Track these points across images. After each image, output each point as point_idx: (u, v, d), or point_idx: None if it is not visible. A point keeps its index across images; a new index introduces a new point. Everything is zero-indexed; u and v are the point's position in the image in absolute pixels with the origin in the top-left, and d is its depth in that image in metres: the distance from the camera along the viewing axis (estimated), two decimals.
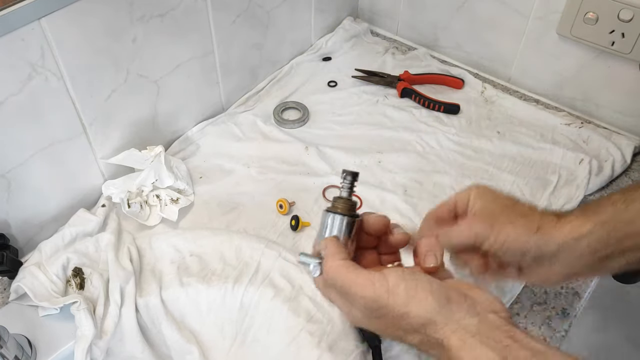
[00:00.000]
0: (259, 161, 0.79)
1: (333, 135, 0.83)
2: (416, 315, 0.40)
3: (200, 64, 0.78)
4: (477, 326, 0.40)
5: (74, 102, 0.63)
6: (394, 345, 0.59)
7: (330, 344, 0.57)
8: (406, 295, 0.41)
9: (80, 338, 0.56)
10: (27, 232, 0.66)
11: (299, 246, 0.68)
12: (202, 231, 0.68)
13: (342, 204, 0.49)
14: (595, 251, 0.46)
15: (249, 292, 0.62)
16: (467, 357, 0.39)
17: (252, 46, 0.86)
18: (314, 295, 0.61)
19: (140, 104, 0.72)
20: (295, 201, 0.73)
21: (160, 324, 0.61)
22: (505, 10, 0.86)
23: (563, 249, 0.47)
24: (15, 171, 0.61)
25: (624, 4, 0.73)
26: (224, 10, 0.77)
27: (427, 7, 0.96)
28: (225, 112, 0.87)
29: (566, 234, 0.47)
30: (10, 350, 0.53)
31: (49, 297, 0.59)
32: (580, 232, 0.46)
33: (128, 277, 0.61)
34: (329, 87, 0.93)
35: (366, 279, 0.42)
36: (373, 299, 0.42)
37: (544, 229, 0.47)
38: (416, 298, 0.41)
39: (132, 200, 0.68)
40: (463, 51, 0.96)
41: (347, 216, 0.47)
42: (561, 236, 0.47)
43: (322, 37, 1.01)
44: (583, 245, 0.46)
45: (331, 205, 0.49)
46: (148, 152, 0.70)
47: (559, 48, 0.84)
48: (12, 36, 0.53)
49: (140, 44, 0.67)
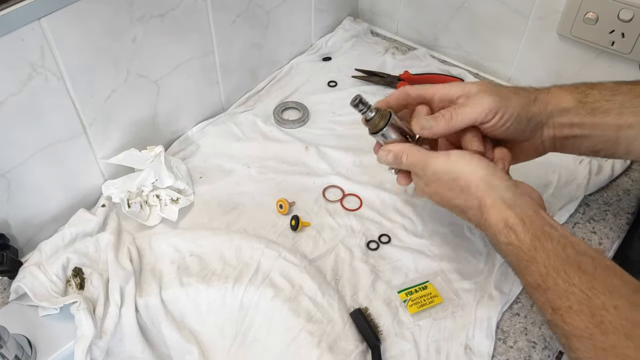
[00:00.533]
0: (259, 161, 0.79)
1: (333, 135, 0.83)
2: (467, 177, 0.54)
3: (200, 64, 0.78)
4: (511, 198, 0.52)
5: (74, 102, 0.63)
6: (394, 345, 0.59)
7: (330, 344, 0.57)
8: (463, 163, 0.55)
9: (80, 338, 0.56)
10: (27, 232, 0.66)
11: (299, 246, 0.68)
12: (202, 231, 0.68)
13: (378, 119, 0.58)
14: (578, 125, 0.57)
15: (249, 292, 0.62)
16: (494, 213, 0.51)
17: (252, 46, 0.86)
18: (314, 295, 0.61)
19: (140, 104, 0.72)
20: (295, 201, 0.73)
21: (160, 324, 0.61)
22: (505, 10, 0.86)
23: (553, 114, 0.57)
24: (15, 171, 0.61)
25: (624, 4, 0.73)
26: (224, 10, 0.77)
27: (427, 7, 0.96)
28: (225, 112, 0.87)
29: (554, 102, 0.57)
30: (10, 350, 0.53)
31: (49, 297, 0.59)
32: (565, 105, 0.57)
33: (128, 277, 0.61)
34: (329, 87, 0.93)
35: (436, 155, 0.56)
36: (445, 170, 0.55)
37: (539, 98, 0.58)
38: (470, 165, 0.54)
39: (132, 200, 0.69)
40: (463, 51, 0.96)
41: (388, 123, 0.58)
42: (554, 102, 0.57)
43: (322, 37, 1.01)
44: (571, 118, 0.57)
45: (371, 127, 0.59)
46: (148, 152, 0.70)
47: (559, 48, 0.84)
48: (12, 36, 0.54)
49: (140, 44, 0.67)
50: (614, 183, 0.77)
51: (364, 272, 0.65)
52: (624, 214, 0.73)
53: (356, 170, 0.77)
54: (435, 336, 0.60)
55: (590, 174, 0.76)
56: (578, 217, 0.73)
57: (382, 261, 0.67)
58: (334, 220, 0.71)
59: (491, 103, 0.55)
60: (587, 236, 0.71)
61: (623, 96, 0.55)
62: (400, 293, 0.63)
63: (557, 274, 0.47)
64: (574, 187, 0.75)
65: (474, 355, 0.58)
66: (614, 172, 0.77)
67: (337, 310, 0.60)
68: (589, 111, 0.56)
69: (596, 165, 0.77)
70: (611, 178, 0.77)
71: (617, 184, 0.77)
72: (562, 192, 0.75)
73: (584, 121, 0.56)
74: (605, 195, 0.76)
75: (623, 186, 0.77)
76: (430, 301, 0.62)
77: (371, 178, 0.77)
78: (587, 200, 0.75)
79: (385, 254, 0.68)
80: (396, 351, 0.59)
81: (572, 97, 0.57)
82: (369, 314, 0.60)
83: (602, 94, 0.56)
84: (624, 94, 0.56)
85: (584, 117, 0.56)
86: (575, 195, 0.74)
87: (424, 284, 0.64)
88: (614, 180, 0.77)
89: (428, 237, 0.69)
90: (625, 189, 0.77)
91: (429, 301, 0.62)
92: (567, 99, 0.57)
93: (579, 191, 0.75)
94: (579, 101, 0.56)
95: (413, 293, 0.63)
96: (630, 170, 0.79)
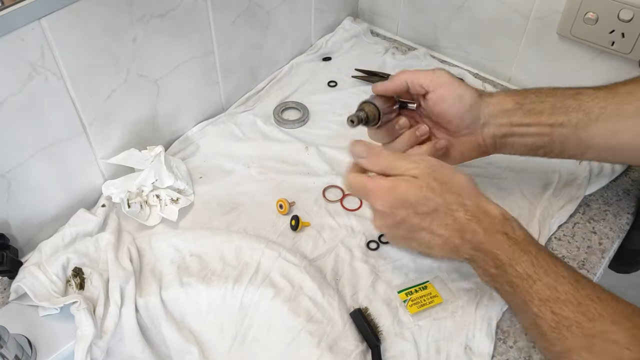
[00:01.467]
0: (259, 161, 0.79)
1: (333, 135, 0.83)
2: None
3: (200, 64, 0.78)
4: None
5: (74, 102, 0.63)
6: (394, 345, 0.59)
7: (330, 344, 0.57)
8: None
9: (80, 338, 0.56)
10: (27, 232, 0.66)
11: (299, 246, 0.68)
12: (202, 231, 0.68)
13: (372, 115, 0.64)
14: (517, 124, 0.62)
15: (249, 292, 0.62)
16: (493, 208, 0.56)
17: (252, 46, 0.86)
18: (314, 295, 0.61)
19: (140, 104, 0.72)
20: (295, 201, 0.73)
21: (160, 324, 0.61)
22: (505, 10, 0.86)
23: (494, 115, 0.62)
24: (15, 171, 0.61)
25: (624, 4, 0.73)
26: (224, 10, 0.77)
27: (427, 7, 0.96)
28: (225, 112, 0.87)
29: (495, 103, 0.62)
30: (10, 350, 0.53)
31: (49, 297, 0.59)
32: (505, 107, 0.62)
33: (128, 277, 0.61)
34: (329, 87, 0.93)
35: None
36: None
37: (483, 98, 0.63)
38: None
39: (132, 200, 0.69)
40: (463, 51, 0.96)
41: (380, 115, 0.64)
42: (495, 103, 0.62)
43: (322, 37, 1.01)
44: (510, 119, 0.62)
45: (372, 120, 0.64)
46: (148, 152, 0.70)
47: (559, 48, 0.84)
48: (12, 36, 0.54)
49: (140, 44, 0.67)
50: (614, 183, 0.77)
51: (364, 272, 0.65)
52: (624, 214, 0.73)
53: None
54: (435, 336, 0.60)
55: (590, 174, 0.76)
56: (578, 217, 0.73)
57: (382, 261, 0.67)
58: (334, 220, 0.71)
59: (445, 75, 0.62)
60: (587, 236, 0.71)
61: (555, 98, 0.61)
62: (400, 293, 0.63)
63: (547, 266, 0.51)
64: (574, 187, 0.75)
65: (474, 355, 0.58)
66: (614, 172, 0.77)
67: (337, 310, 0.60)
68: (525, 112, 0.61)
69: (596, 166, 0.78)
70: (611, 178, 0.77)
71: (617, 184, 0.77)
72: (562, 192, 0.75)
73: (522, 120, 0.61)
74: (605, 195, 0.76)
75: (623, 186, 0.77)
76: (430, 301, 0.62)
77: None
78: (587, 200, 0.75)
79: (385, 254, 0.68)
80: (396, 351, 0.59)
81: (511, 100, 0.62)
82: (369, 314, 0.60)
83: (538, 97, 0.62)
84: (557, 97, 0.61)
85: (521, 117, 0.61)
86: (575, 195, 0.74)
87: (424, 284, 0.64)
88: (614, 180, 0.77)
89: None
90: (625, 189, 0.77)
91: (429, 301, 0.62)
92: (507, 101, 0.62)
93: (579, 191, 0.75)
94: (517, 103, 0.62)
95: (413, 293, 0.63)
96: (630, 170, 0.79)
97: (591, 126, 0.59)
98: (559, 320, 0.48)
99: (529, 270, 0.51)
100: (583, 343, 0.47)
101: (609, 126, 0.58)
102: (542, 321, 0.49)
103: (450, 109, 0.63)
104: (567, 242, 0.70)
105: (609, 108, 0.58)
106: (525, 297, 0.51)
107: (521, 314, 0.54)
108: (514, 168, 0.78)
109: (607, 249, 0.69)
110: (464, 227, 0.54)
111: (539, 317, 0.50)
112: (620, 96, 0.58)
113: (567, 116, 0.60)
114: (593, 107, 0.59)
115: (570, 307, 0.48)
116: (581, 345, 0.47)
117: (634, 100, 0.57)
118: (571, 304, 0.48)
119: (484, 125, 0.63)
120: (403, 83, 0.64)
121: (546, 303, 0.49)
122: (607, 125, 0.59)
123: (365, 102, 0.65)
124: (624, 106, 0.58)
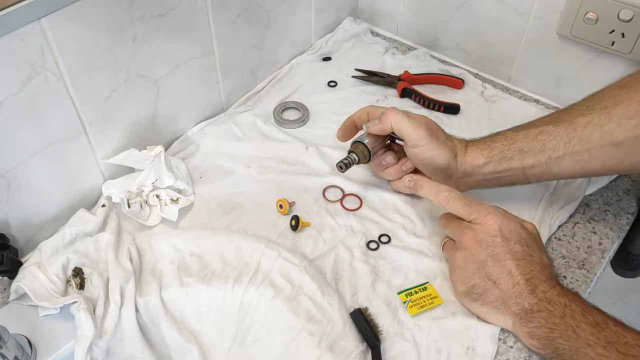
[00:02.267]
0: (259, 161, 0.79)
1: (333, 135, 0.83)
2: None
3: (200, 64, 0.78)
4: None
5: (74, 102, 0.63)
6: (394, 345, 0.59)
7: (330, 344, 0.57)
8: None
9: (80, 338, 0.56)
10: (27, 232, 0.66)
11: (299, 246, 0.68)
12: (202, 231, 0.68)
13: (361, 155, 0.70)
14: (491, 173, 0.66)
15: (249, 292, 0.62)
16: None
17: (252, 46, 0.86)
18: (314, 295, 0.61)
19: (140, 104, 0.72)
20: (295, 201, 0.73)
21: (160, 324, 0.61)
22: (505, 10, 0.86)
23: (468, 173, 0.67)
24: (15, 171, 0.61)
25: (624, 4, 0.73)
26: (224, 10, 0.77)
27: (427, 7, 0.96)
28: (225, 112, 0.87)
29: (469, 162, 0.66)
30: (10, 350, 0.53)
31: (49, 297, 0.59)
32: (477, 163, 0.66)
33: (128, 277, 0.61)
34: (329, 87, 0.93)
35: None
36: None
37: (458, 158, 0.67)
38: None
39: (132, 200, 0.68)
40: (463, 51, 0.96)
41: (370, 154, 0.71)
42: (468, 161, 0.66)
43: (322, 37, 1.01)
44: (483, 170, 0.66)
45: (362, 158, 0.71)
46: (148, 152, 0.70)
47: (559, 48, 0.84)
48: (12, 36, 0.53)
49: (140, 43, 0.67)
50: (614, 183, 0.77)
51: (364, 272, 0.65)
52: (624, 214, 0.73)
53: (356, 170, 0.77)
54: (435, 336, 0.60)
55: None
56: (578, 217, 0.73)
57: (382, 261, 0.67)
58: (334, 220, 0.71)
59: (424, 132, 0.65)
60: (587, 236, 0.71)
61: (520, 142, 0.64)
62: (400, 294, 0.63)
63: (617, 320, 0.53)
64: (574, 187, 0.75)
65: (477, 356, 0.58)
66: None
67: (337, 310, 0.60)
68: (496, 162, 0.65)
69: None
70: (611, 178, 0.77)
71: (617, 184, 0.77)
72: (562, 192, 0.75)
73: (495, 169, 0.66)
74: (605, 195, 0.76)
75: (623, 186, 0.77)
76: (431, 302, 0.62)
77: (371, 178, 0.77)
78: (587, 200, 0.75)
79: (385, 254, 0.68)
80: (396, 351, 0.59)
81: (482, 156, 0.66)
82: (369, 314, 0.60)
83: (504, 144, 0.65)
84: (521, 141, 0.64)
85: (494, 167, 0.65)
86: (575, 195, 0.74)
87: (424, 284, 0.64)
88: (614, 180, 0.77)
89: (428, 237, 0.69)
90: (625, 189, 0.77)
91: (429, 302, 0.62)
92: (479, 157, 0.66)
93: (579, 191, 0.75)
94: (487, 157, 0.66)
95: (413, 294, 0.63)
96: None
97: (560, 161, 0.63)
98: (625, 358, 0.49)
99: (599, 320, 0.52)
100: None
101: (576, 158, 0.62)
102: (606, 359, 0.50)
103: (424, 168, 0.68)
104: (567, 242, 0.70)
105: (572, 142, 0.61)
106: (590, 339, 0.51)
107: (579, 356, 0.53)
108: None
109: (607, 249, 0.69)
110: (548, 279, 0.57)
111: (604, 355, 0.50)
112: (580, 129, 0.61)
113: (535, 157, 0.63)
114: (557, 144, 0.62)
115: (637, 349, 0.49)
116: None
117: (593, 131, 0.60)
118: (638, 347, 0.49)
119: (457, 180, 0.68)
120: (390, 126, 0.67)
121: (613, 345, 0.50)
122: (574, 158, 0.62)
123: (357, 142, 0.70)
124: (585, 137, 0.60)
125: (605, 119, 0.59)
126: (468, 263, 0.59)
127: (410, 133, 0.65)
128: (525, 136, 0.65)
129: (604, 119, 0.59)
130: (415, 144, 0.66)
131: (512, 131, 0.67)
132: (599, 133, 0.59)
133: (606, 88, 0.62)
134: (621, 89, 0.60)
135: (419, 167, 0.68)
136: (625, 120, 0.58)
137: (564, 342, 0.53)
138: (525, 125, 0.67)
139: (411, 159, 0.68)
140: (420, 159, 0.67)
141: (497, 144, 0.66)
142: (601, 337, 0.51)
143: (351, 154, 0.70)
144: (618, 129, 0.58)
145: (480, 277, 0.58)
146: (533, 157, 0.63)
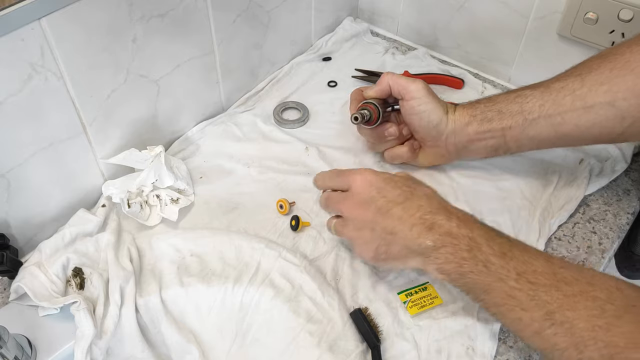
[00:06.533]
0: (259, 161, 0.79)
1: (333, 135, 0.83)
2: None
3: (200, 64, 0.78)
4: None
5: (74, 101, 0.63)
6: (394, 345, 0.59)
7: (330, 344, 0.57)
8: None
9: (80, 338, 0.56)
10: (27, 232, 0.66)
11: (299, 246, 0.68)
12: (202, 231, 0.68)
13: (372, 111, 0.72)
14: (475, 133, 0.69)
15: (249, 292, 0.62)
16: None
17: (252, 46, 0.86)
18: (314, 295, 0.61)
19: (140, 104, 0.72)
20: (296, 201, 0.73)
21: (160, 324, 0.61)
22: (505, 10, 0.86)
23: (455, 131, 0.70)
24: (15, 171, 0.61)
25: (624, 4, 0.73)
26: (224, 10, 0.77)
27: (427, 7, 0.96)
28: (225, 112, 0.87)
29: (456, 119, 0.70)
30: (10, 350, 0.53)
31: (49, 297, 0.59)
32: (463, 121, 0.69)
33: (128, 277, 0.61)
34: (329, 87, 0.93)
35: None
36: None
37: (449, 116, 0.70)
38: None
39: (132, 200, 0.68)
40: (463, 51, 0.96)
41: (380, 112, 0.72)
42: (456, 119, 0.70)
43: (322, 37, 1.01)
44: (468, 130, 0.69)
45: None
46: (148, 152, 0.70)
47: (559, 48, 0.84)
48: (12, 36, 0.53)
49: (140, 43, 0.67)
50: (614, 183, 0.77)
51: (364, 272, 0.65)
52: (624, 214, 0.73)
53: None
54: (435, 336, 0.60)
55: (591, 174, 0.76)
56: (578, 217, 0.73)
57: None
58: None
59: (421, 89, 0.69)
60: (587, 236, 0.71)
61: (500, 104, 0.68)
62: (400, 294, 0.63)
63: (520, 245, 0.55)
64: (574, 187, 0.75)
65: (477, 356, 0.58)
66: (614, 172, 0.77)
67: (337, 310, 0.60)
68: (479, 122, 0.69)
69: (596, 165, 0.77)
70: (611, 178, 0.77)
71: (617, 184, 0.77)
72: (562, 192, 0.75)
73: (477, 129, 0.69)
74: (605, 195, 0.76)
75: (623, 186, 0.77)
76: (431, 302, 0.62)
77: None
78: (587, 200, 0.75)
79: None
80: (396, 351, 0.59)
81: (467, 114, 0.69)
82: (369, 314, 0.60)
83: (486, 105, 0.69)
84: (501, 103, 0.68)
85: (477, 127, 0.69)
86: (575, 195, 0.74)
87: (424, 284, 0.64)
88: (614, 180, 0.77)
89: None
90: (625, 189, 0.77)
91: (429, 302, 0.62)
92: (464, 115, 0.69)
93: (579, 191, 0.75)
94: (471, 115, 0.69)
95: (413, 294, 0.63)
96: (630, 170, 0.79)
97: (535, 124, 0.65)
98: (537, 288, 0.50)
99: (504, 249, 0.53)
100: (564, 303, 0.49)
101: (550, 121, 0.65)
102: (520, 292, 0.51)
103: (418, 122, 0.70)
104: (567, 242, 0.70)
105: (547, 105, 0.64)
106: (501, 273, 0.52)
107: (492, 291, 0.53)
108: (514, 169, 0.78)
109: (607, 249, 0.69)
110: (439, 210, 0.57)
111: (516, 288, 0.51)
112: (555, 93, 0.64)
113: (512, 119, 0.67)
114: (532, 106, 0.65)
115: (546, 277, 0.51)
116: (562, 305, 0.49)
117: (566, 95, 0.63)
118: (547, 274, 0.51)
119: (447, 138, 0.71)
120: (387, 85, 0.71)
121: (523, 275, 0.51)
122: (548, 121, 0.65)
123: (368, 102, 0.72)
124: (559, 100, 0.63)
125: (578, 84, 0.62)
126: (361, 230, 0.59)
127: (409, 86, 0.69)
128: (505, 98, 0.68)
129: (577, 84, 0.62)
130: (413, 95, 0.69)
131: (495, 95, 0.71)
132: (571, 97, 0.62)
133: (586, 59, 0.65)
134: (598, 59, 0.63)
135: (414, 123, 0.71)
136: (597, 85, 0.61)
137: (475, 277, 0.53)
138: (508, 90, 0.71)
139: (407, 115, 0.71)
140: (417, 111, 0.69)
141: (480, 104, 0.70)
142: (511, 268, 0.52)
143: (363, 110, 0.71)
144: (589, 94, 0.61)
145: (378, 236, 0.58)
146: (510, 119, 0.67)
